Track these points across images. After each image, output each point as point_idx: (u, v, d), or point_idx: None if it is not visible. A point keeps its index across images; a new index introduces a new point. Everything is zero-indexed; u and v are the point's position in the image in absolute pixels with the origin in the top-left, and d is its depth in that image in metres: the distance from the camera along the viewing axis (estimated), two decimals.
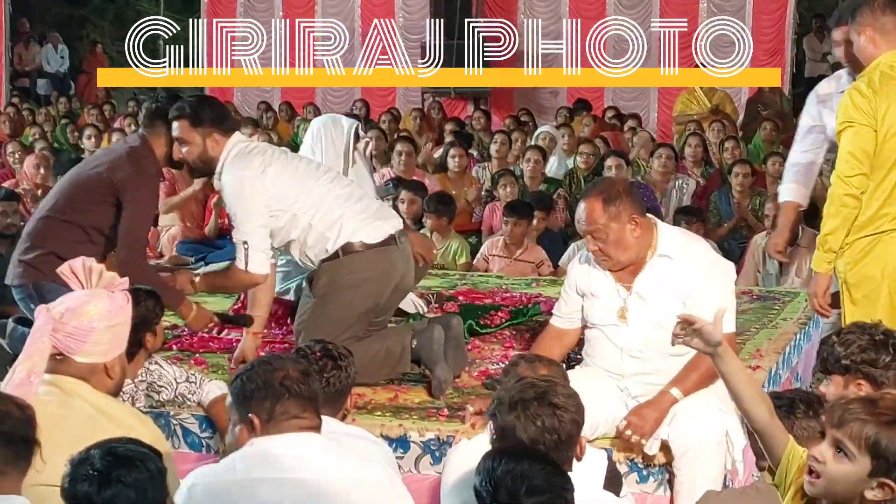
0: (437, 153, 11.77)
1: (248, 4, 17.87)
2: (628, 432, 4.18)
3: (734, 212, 9.28)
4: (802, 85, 16.84)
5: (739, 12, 16.03)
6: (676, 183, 9.86)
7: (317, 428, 3.32)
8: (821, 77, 15.97)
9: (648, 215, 4.42)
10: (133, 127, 13.97)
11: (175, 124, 5.08)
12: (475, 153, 11.98)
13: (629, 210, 4.28)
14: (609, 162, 9.63)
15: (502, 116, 14.75)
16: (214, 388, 4.62)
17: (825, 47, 16.06)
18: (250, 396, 3.28)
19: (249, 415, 3.27)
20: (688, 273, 4.31)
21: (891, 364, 3.63)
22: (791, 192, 5.72)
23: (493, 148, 10.96)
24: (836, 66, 5.15)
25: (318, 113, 15.60)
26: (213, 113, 5.12)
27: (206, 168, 5.16)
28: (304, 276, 6.08)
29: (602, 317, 4.43)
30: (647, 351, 4.34)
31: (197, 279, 5.25)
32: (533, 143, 11.31)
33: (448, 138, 12.11)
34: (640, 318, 4.33)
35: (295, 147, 8.17)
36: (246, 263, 5.02)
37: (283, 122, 15.66)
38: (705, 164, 10.86)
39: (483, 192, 10.11)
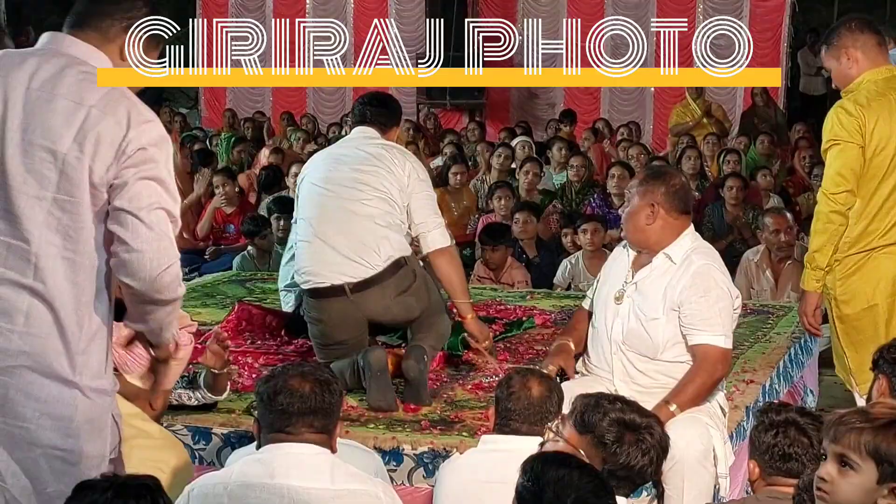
0: (433, 163, 11.76)
1: (240, 5, 17.85)
2: None
3: (727, 225, 9.28)
4: (797, 99, 16.86)
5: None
6: None
7: (321, 441, 3.38)
8: (815, 91, 16.11)
9: (684, 220, 4.51)
10: None
11: None
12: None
13: (654, 197, 4.46)
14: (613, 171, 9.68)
15: (497, 128, 14.74)
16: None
17: (819, 62, 16.01)
18: (263, 402, 3.42)
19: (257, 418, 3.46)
20: (684, 283, 4.38)
21: None
22: None
23: (497, 161, 10.90)
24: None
25: (314, 123, 15.54)
26: None
27: None
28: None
29: (603, 295, 4.58)
30: (629, 342, 4.46)
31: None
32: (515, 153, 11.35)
33: (447, 151, 12.12)
34: (631, 305, 4.47)
35: None
36: None
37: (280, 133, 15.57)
38: (701, 177, 10.89)
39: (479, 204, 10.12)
